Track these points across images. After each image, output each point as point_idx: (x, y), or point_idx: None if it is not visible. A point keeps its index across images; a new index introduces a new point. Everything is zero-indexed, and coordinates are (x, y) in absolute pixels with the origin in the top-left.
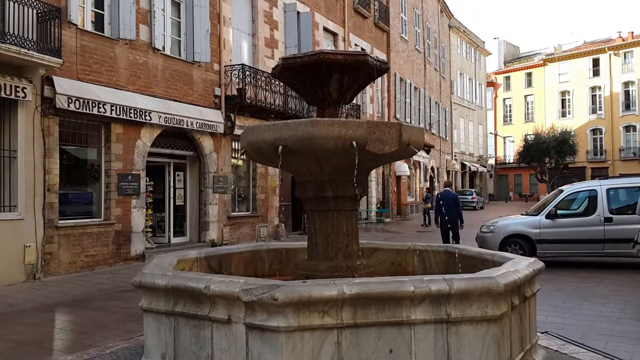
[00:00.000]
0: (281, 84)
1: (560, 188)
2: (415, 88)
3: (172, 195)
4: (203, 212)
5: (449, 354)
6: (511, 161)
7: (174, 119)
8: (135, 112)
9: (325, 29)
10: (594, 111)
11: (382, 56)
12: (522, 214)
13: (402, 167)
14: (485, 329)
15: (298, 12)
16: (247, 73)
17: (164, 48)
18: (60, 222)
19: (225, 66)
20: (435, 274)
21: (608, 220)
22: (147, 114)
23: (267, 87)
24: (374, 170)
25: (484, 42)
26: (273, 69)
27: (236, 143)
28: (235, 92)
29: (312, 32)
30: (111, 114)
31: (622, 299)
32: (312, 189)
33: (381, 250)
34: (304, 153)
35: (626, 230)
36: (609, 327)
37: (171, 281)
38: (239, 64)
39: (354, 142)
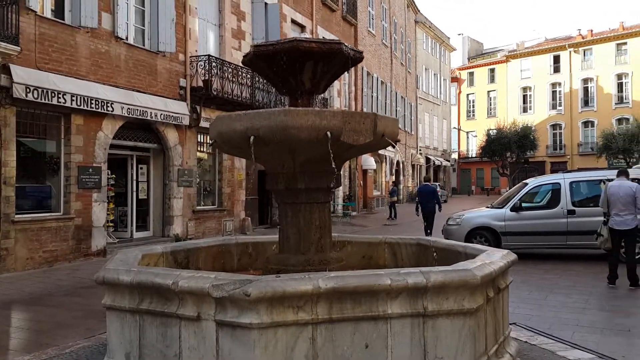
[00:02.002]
0: (249, 75)
1: (524, 181)
2: (382, 82)
3: (134, 189)
4: (167, 206)
5: (426, 348)
6: (474, 155)
7: (137, 110)
8: (97, 102)
9: (294, 21)
10: (554, 107)
11: None
12: (487, 207)
13: (368, 161)
14: (461, 322)
15: (266, 4)
16: (214, 64)
17: (127, 37)
18: (17, 216)
19: (190, 57)
20: (408, 267)
21: (571, 212)
22: (109, 104)
23: (234, 79)
24: None
25: (449, 38)
26: (244, 56)
27: (202, 136)
28: (201, 84)
29: (280, 24)
30: (71, 104)
31: (586, 290)
32: (284, 181)
33: (352, 243)
34: (276, 143)
35: (588, 222)
36: (574, 317)
37: (136, 277)
38: (205, 55)
39: (328, 133)
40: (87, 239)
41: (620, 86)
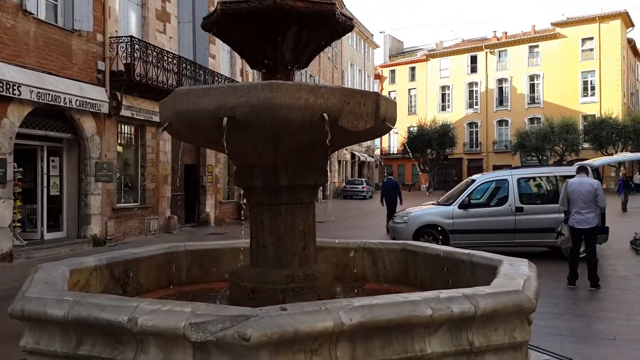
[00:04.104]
0: (175, 61)
1: (471, 177)
2: (311, 75)
3: (45, 184)
4: (83, 203)
5: None
6: (395, 152)
7: (49, 94)
8: (1, 84)
9: None
10: (470, 105)
11: None
12: (433, 204)
13: None
14: (511, 359)
15: None
16: (137, 47)
17: (37, 12)
18: None
19: (110, 37)
20: (391, 277)
21: (519, 210)
22: (15, 87)
23: (158, 64)
24: None
25: (372, 35)
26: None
27: (123, 125)
28: (122, 68)
29: (207, 7)
30: None
31: (548, 292)
32: (262, 176)
33: (323, 249)
34: (257, 127)
35: (536, 220)
36: (553, 325)
37: (74, 311)
38: (127, 36)
39: (325, 114)
40: None
41: (532, 87)
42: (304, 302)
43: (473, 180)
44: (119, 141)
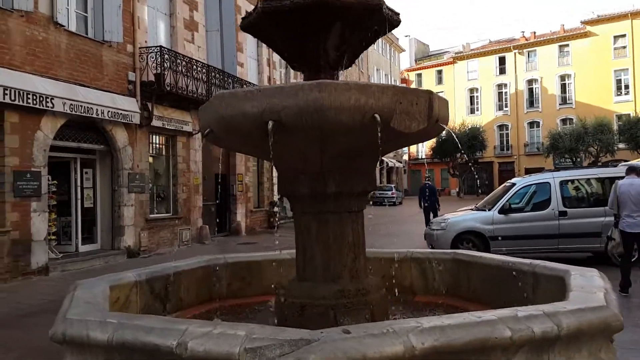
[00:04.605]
0: (204, 70)
1: (511, 181)
2: None
3: (79, 196)
4: (117, 214)
5: None
6: (423, 156)
7: (81, 106)
8: (34, 97)
9: None
10: (500, 108)
11: None
12: (471, 209)
13: None
14: None
15: None
16: (166, 56)
17: (68, 24)
18: None
19: (140, 48)
20: (441, 289)
21: (562, 214)
22: (48, 100)
23: (188, 74)
24: None
25: (397, 39)
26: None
27: (154, 136)
28: (152, 78)
29: (234, 15)
30: (4, 99)
31: None
32: (307, 183)
33: (367, 260)
34: (304, 130)
35: (581, 224)
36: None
37: (118, 334)
38: (157, 46)
39: (377, 115)
40: (26, 255)
41: (563, 87)
42: (367, 322)
43: (513, 184)
44: (150, 152)
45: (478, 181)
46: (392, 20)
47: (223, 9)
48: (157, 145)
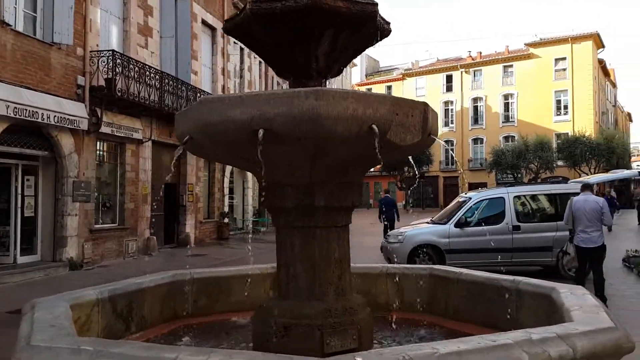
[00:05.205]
0: (157, 76)
1: (465, 195)
2: None
3: (19, 205)
4: (60, 224)
5: None
6: (372, 170)
7: (26, 110)
8: None
9: (204, 22)
10: (446, 124)
11: None
12: (428, 222)
13: None
14: None
15: (175, 0)
16: (118, 61)
17: (15, 24)
18: None
19: (91, 51)
20: (417, 305)
21: (516, 228)
22: None
23: (140, 79)
24: (250, 175)
25: None
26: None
27: (102, 143)
28: (102, 83)
29: (190, 23)
30: None
31: None
32: (294, 196)
33: None
34: (296, 140)
35: (534, 238)
36: None
37: None
38: (109, 50)
39: (374, 126)
40: None
41: (506, 106)
42: (354, 343)
43: (469, 198)
44: (97, 159)
45: (423, 195)
46: (383, 30)
47: (178, 16)
48: (105, 153)
